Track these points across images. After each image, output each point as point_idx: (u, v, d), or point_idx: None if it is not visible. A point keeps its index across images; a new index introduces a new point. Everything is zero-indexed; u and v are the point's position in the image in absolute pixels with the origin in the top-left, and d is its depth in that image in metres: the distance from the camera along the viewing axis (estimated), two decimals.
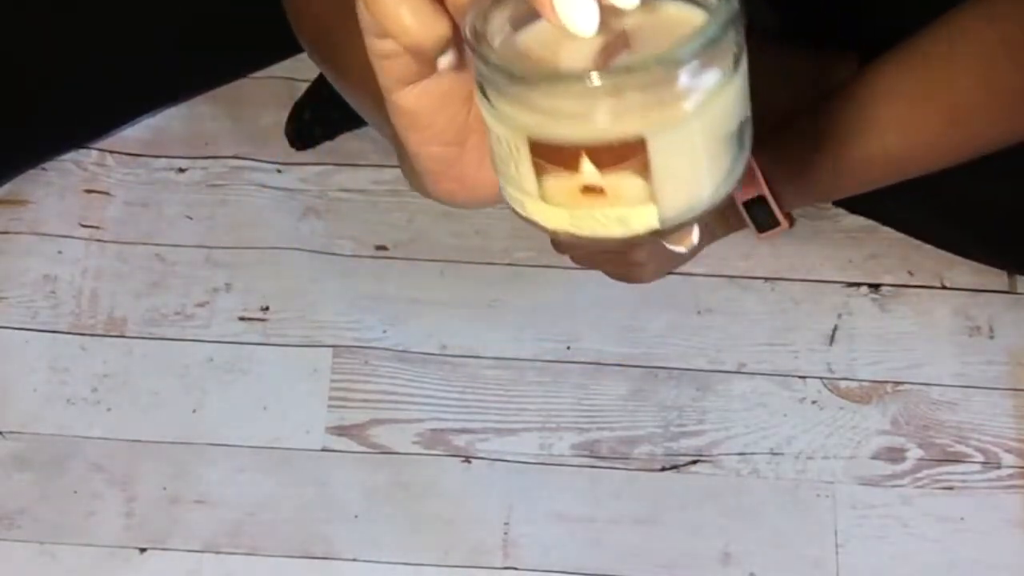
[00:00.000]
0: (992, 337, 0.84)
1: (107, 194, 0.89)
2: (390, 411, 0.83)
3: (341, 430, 0.82)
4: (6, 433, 0.82)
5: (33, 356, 0.85)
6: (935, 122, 0.64)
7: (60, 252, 0.87)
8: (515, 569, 0.79)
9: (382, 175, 0.89)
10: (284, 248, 0.87)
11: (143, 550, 0.79)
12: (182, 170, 0.90)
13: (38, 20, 0.77)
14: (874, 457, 0.81)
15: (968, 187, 0.72)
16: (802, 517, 0.80)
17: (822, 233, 0.87)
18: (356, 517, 0.80)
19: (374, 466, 0.81)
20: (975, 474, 0.80)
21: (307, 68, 0.86)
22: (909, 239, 0.85)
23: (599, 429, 0.82)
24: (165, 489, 0.81)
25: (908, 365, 0.83)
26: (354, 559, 0.79)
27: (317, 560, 0.79)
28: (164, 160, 0.90)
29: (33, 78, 0.79)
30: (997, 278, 0.85)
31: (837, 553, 0.79)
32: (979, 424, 0.82)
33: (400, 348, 0.84)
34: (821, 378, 0.83)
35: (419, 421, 0.82)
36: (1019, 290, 0.85)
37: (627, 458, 0.81)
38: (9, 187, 0.89)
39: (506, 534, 0.80)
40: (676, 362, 0.84)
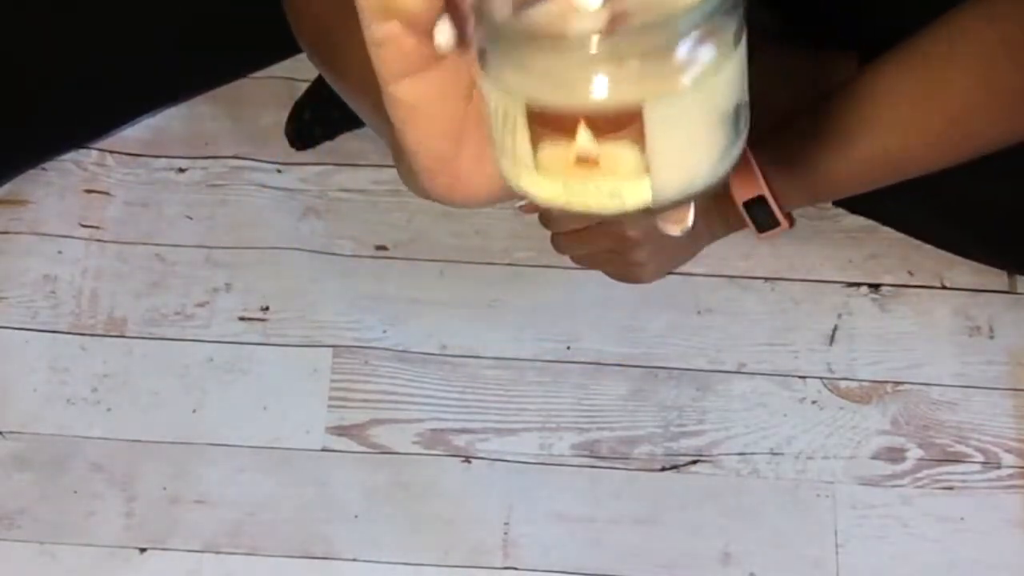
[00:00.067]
0: (992, 337, 0.84)
1: (107, 194, 0.89)
2: (390, 411, 0.83)
3: (341, 430, 0.82)
4: (6, 433, 0.82)
5: (33, 356, 0.85)
6: (935, 122, 0.64)
7: (60, 252, 0.87)
8: (515, 569, 0.79)
9: (382, 175, 0.89)
10: (284, 248, 0.87)
11: (143, 550, 0.79)
12: (182, 170, 0.90)
13: (38, 20, 0.77)
14: (874, 457, 0.81)
15: (968, 187, 0.72)
16: (802, 517, 0.80)
17: (822, 233, 0.87)
18: (356, 517, 0.80)
19: (374, 466, 0.81)
20: (975, 474, 0.80)
21: (307, 68, 0.86)
22: (909, 239, 0.85)
23: (599, 429, 0.82)
24: (165, 489, 0.81)
25: (908, 365, 0.83)
26: (354, 559, 0.79)
27: (317, 560, 0.79)
28: (164, 160, 0.90)
29: (33, 78, 0.79)
30: (997, 278, 0.85)
31: (837, 553, 0.79)
32: (979, 424, 0.82)
33: (400, 348, 0.84)
34: (821, 378, 0.83)
35: (419, 421, 0.82)
36: (1019, 290, 0.85)
37: (627, 458, 0.81)
38: (9, 187, 0.89)
39: (506, 534, 0.80)
40: (676, 362, 0.84)
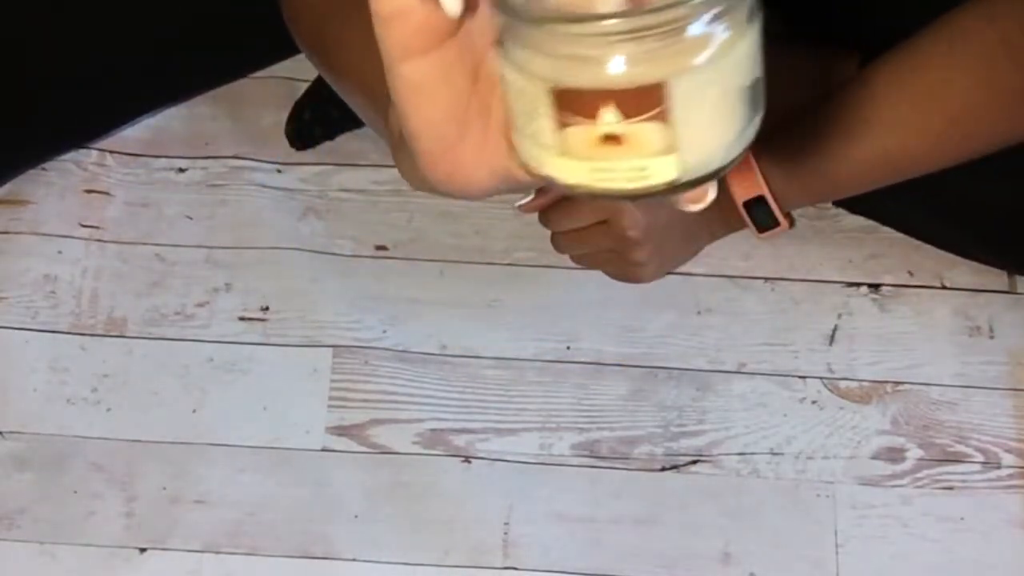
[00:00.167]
0: (992, 337, 0.84)
1: (107, 194, 0.89)
2: (390, 411, 0.83)
3: (341, 430, 0.82)
4: (6, 433, 0.82)
5: (33, 356, 0.85)
6: (935, 122, 0.64)
7: (60, 252, 0.87)
8: (515, 569, 0.79)
9: (382, 175, 0.89)
10: (284, 248, 0.87)
11: (143, 550, 0.79)
12: (182, 170, 0.90)
13: (38, 20, 0.77)
14: (874, 457, 0.81)
15: (968, 187, 0.72)
16: (802, 517, 0.80)
17: (822, 233, 0.87)
18: (356, 517, 0.80)
19: (374, 466, 0.81)
20: (975, 474, 0.80)
21: (307, 68, 0.86)
22: (909, 239, 0.85)
23: (599, 429, 0.82)
24: (165, 489, 0.81)
25: (908, 365, 0.83)
26: (354, 559, 0.79)
27: (317, 560, 0.79)
28: (164, 160, 0.90)
29: (33, 78, 0.79)
30: (997, 278, 0.85)
31: (837, 553, 0.79)
32: (979, 424, 0.82)
33: (400, 348, 0.84)
34: (821, 378, 0.83)
35: (419, 421, 0.82)
36: (1019, 290, 0.85)
37: (627, 458, 0.81)
38: (9, 187, 0.89)
39: (506, 534, 0.80)
40: (676, 362, 0.84)
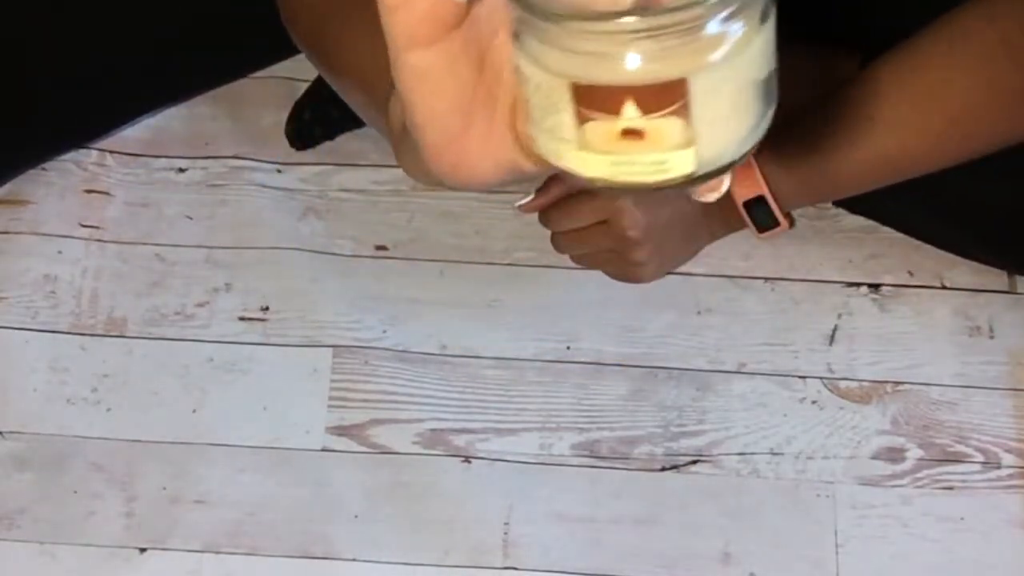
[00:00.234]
0: (992, 337, 0.84)
1: (107, 194, 0.89)
2: (390, 411, 0.83)
3: (341, 430, 0.82)
4: (6, 433, 0.82)
5: (33, 356, 0.85)
6: (935, 122, 0.64)
7: (60, 252, 0.87)
8: (515, 569, 0.79)
9: (382, 175, 0.89)
10: (284, 248, 0.87)
11: (143, 550, 0.79)
12: (182, 170, 0.90)
13: (38, 20, 0.77)
14: (874, 457, 0.81)
15: (968, 187, 0.72)
16: (802, 517, 0.80)
17: (822, 233, 0.87)
18: (356, 517, 0.80)
19: (374, 466, 0.81)
20: (975, 474, 0.80)
21: (307, 68, 0.86)
22: (909, 239, 0.85)
23: (599, 429, 0.82)
24: (165, 489, 0.81)
25: (908, 365, 0.83)
26: (354, 559, 0.79)
27: (317, 560, 0.79)
28: (164, 160, 0.90)
29: (33, 78, 0.79)
30: (997, 278, 0.85)
31: (837, 553, 0.79)
32: (979, 424, 0.82)
33: (400, 348, 0.84)
34: (821, 378, 0.83)
35: (419, 421, 0.82)
36: (1019, 290, 0.85)
37: (627, 458, 0.81)
38: (9, 187, 0.89)
39: (506, 534, 0.80)
40: (676, 362, 0.84)
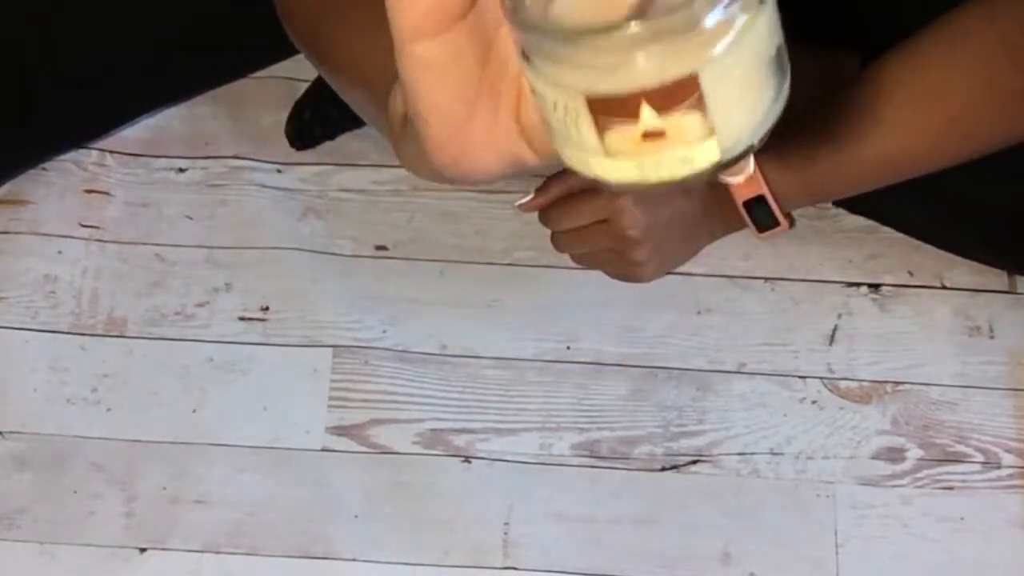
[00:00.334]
0: (992, 337, 0.84)
1: (107, 194, 0.89)
2: (390, 411, 0.83)
3: (341, 430, 0.82)
4: (6, 433, 0.82)
5: (33, 356, 0.85)
6: (936, 122, 0.64)
7: (60, 252, 0.87)
8: (515, 569, 0.79)
9: (382, 175, 0.89)
10: (284, 248, 0.87)
11: (143, 550, 0.79)
12: (182, 170, 0.90)
13: (38, 20, 0.77)
14: (874, 457, 0.81)
15: (968, 187, 0.72)
16: (802, 517, 0.80)
17: (822, 233, 0.87)
18: (356, 517, 0.80)
19: (374, 466, 0.81)
20: (975, 474, 0.80)
21: (307, 68, 0.86)
22: (909, 239, 0.85)
23: (599, 429, 0.82)
24: (165, 489, 0.81)
25: (908, 365, 0.83)
26: (354, 559, 0.79)
27: (317, 560, 0.79)
28: (164, 160, 0.90)
29: (33, 78, 0.79)
30: (997, 278, 0.85)
31: (837, 553, 0.79)
32: (979, 424, 0.82)
33: (400, 348, 0.84)
34: (821, 378, 0.83)
35: (419, 421, 0.82)
36: (1019, 290, 0.85)
37: (627, 458, 0.81)
38: (9, 187, 0.89)
39: (506, 534, 0.80)
40: (676, 362, 0.84)
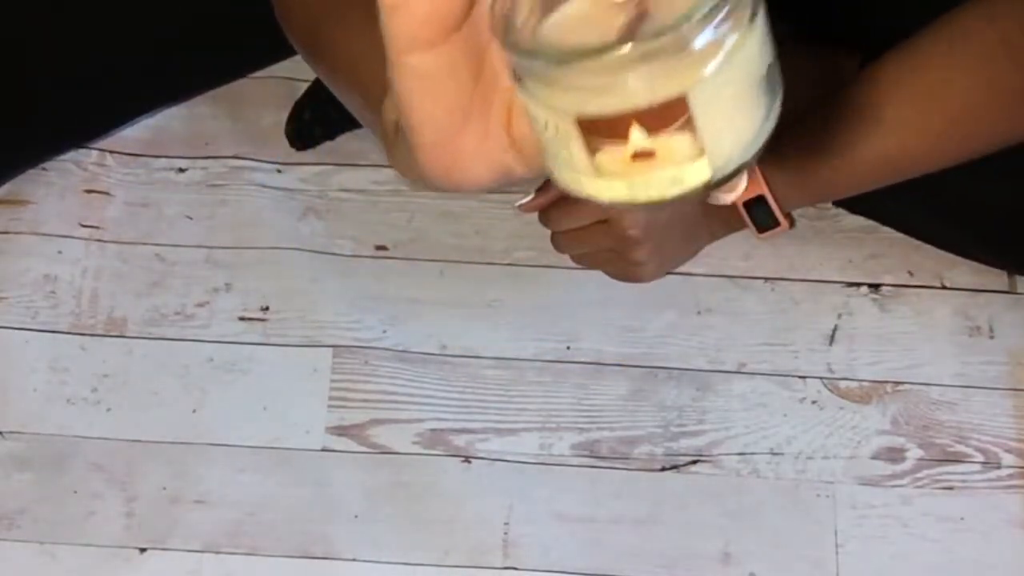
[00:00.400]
0: (992, 337, 0.84)
1: (107, 194, 0.89)
2: (390, 411, 0.83)
3: (341, 430, 0.82)
4: (6, 433, 0.82)
5: (33, 356, 0.85)
6: (936, 122, 0.64)
7: (60, 252, 0.87)
8: (515, 569, 0.79)
9: (382, 175, 0.89)
10: (284, 248, 0.87)
11: (143, 550, 0.79)
12: (182, 170, 0.90)
13: (38, 20, 0.77)
14: (874, 457, 0.81)
15: (968, 187, 0.72)
16: (802, 517, 0.80)
17: (822, 233, 0.87)
18: (356, 517, 0.80)
19: (374, 466, 0.81)
20: (975, 474, 0.80)
21: (307, 68, 0.86)
22: (909, 239, 0.85)
23: (599, 429, 0.82)
24: (165, 489, 0.81)
25: (908, 365, 0.83)
26: (354, 559, 0.79)
27: (317, 560, 0.79)
28: (164, 160, 0.90)
29: (33, 78, 0.79)
30: (997, 278, 0.85)
31: (837, 553, 0.79)
32: (979, 424, 0.82)
33: (400, 348, 0.84)
34: (821, 378, 0.83)
35: (419, 421, 0.82)
36: (1019, 290, 0.85)
37: (627, 458, 0.81)
38: (9, 187, 0.89)
39: (506, 534, 0.80)
40: (676, 362, 0.84)
